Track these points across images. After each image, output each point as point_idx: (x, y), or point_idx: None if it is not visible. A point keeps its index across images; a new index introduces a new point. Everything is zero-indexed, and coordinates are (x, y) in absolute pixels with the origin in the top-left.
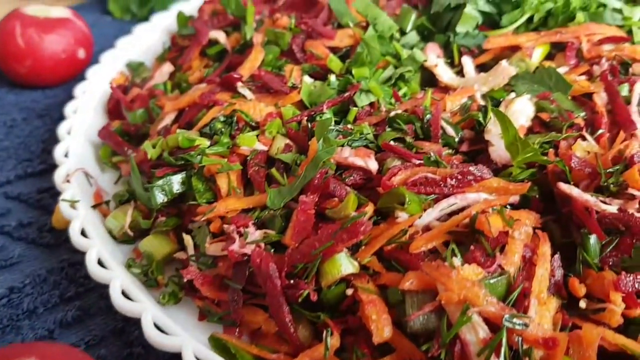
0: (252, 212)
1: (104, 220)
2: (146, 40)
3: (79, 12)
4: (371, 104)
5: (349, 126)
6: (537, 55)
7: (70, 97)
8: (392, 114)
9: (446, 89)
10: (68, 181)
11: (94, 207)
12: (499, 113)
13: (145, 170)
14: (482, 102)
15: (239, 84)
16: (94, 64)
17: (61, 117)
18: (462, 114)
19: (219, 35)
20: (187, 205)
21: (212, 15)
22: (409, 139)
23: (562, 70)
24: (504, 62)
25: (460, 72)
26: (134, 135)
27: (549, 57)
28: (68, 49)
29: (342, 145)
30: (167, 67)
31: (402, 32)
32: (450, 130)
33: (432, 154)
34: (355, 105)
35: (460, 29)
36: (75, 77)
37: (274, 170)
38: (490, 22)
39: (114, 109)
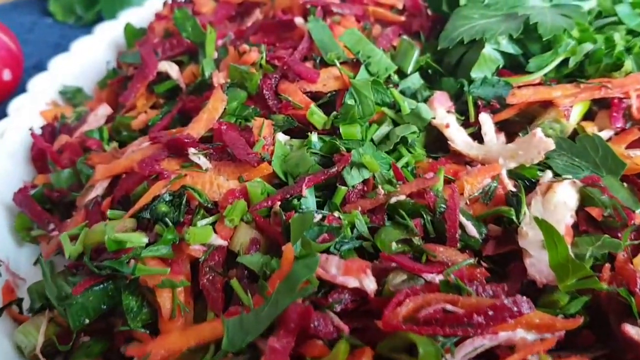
0: (203, 356)
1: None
2: (87, 58)
3: (15, 10)
4: (364, 181)
5: (336, 215)
6: (575, 114)
7: None
8: (394, 200)
9: (459, 156)
10: None
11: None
12: (546, 225)
13: (67, 267)
14: (509, 184)
15: (191, 149)
16: (26, 85)
17: None
18: (483, 200)
19: (171, 69)
20: (117, 329)
21: (164, 37)
22: (417, 240)
23: (605, 134)
24: (539, 131)
25: (477, 134)
26: (58, 202)
27: (588, 114)
28: None
29: (327, 251)
30: (103, 110)
31: (401, 73)
32: (471, 229)
33: (452, 276)
34: (344, 182)
35: (476, 74)
36: (0, 103)
37: (234, 283)
38: (512, 64)
39: (39, 156)
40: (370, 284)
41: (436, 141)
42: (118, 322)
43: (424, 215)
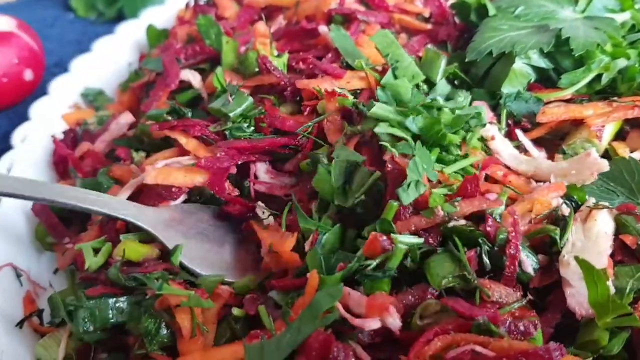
0: None
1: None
2: (109, 59)
3: (37, 3)
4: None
5: (384, 239)
6: (607, 134)
7: (18, 122)
8: (452, 224)
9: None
10: None
11: (20, 324)
12: (586, 265)
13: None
14: (564, 205)
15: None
16: (51, 80)
17: None
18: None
19: (193, 78)
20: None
21: (187, 42)
22: (470, 275)
23: (637, 155)
24: (594, 152)
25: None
26: (76, 214)
27: (620, 133)
28: (10, 70)
29: (353, 279)
30: (125, 117)
31: (429, 82)
32: (527, 265)
33: (480, 319)
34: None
35: (507, 89)
36: (22, 102)
37: (261, 309)
38: (543, 78)
39: (60, 162)
40: (394, 322)
41: None
42: (134, 342)
43: (481, 245)
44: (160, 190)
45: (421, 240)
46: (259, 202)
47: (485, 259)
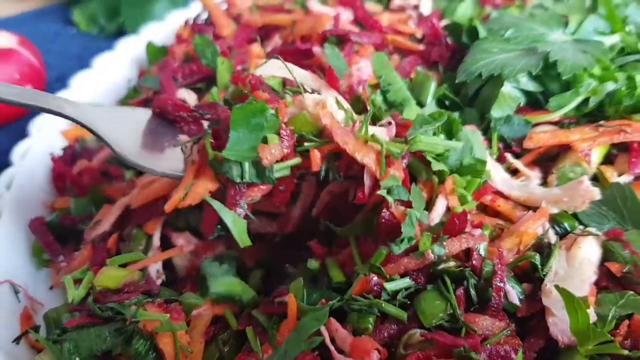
0: None
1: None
2: (108, 75)
3: (39, 18)
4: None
5: (375, 279)
6: (595, 157)
7: (17, 138)
8: (441, 266)
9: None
10: None
11: (17, 340)
12: (567, 294)
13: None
14: (551, 233)
15: None
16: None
17: None
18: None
19: (189, 97)
20: None
21: (185, 61)
22: (459, 316)
23: (624, 179)
24: (586, 179)
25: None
26: (71, 230)
27: (608, 156)
28: None
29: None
30: None
31: (419, 104)
32: (513, 296)
33: (462, 347)
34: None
35: (497, 112)
36: (22, 117)
37: (249, 331)
38: (531, 101)
39: (59, 178)
40: None
41: None
42: None
43: (468, 279)
44: (148, 207)
45: (411, 283)
46: None
47: (473, 292)
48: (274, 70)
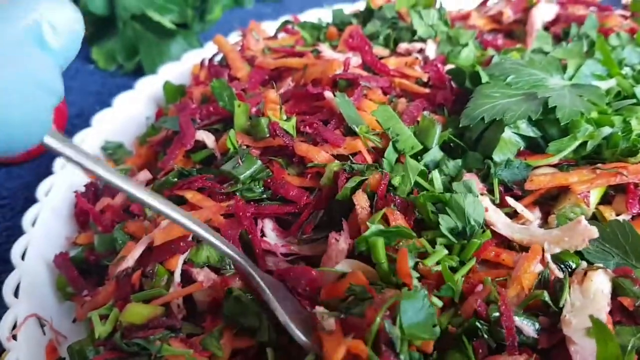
0: None
1: None
2: (128, 112)
3: None
4: None
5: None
6: (594, 198)
7: (40, 176)
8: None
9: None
10: (14, 337)
11: None
12: (599, 324)
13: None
14: (555, 270)
15: None
16: (74, 131)
17: (24, 208)
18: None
19: (207, 139)
20: None
21: (202, 102)
22: None
23: (622, 219)
24: (583, 219)
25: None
26: (95, 266)
27: (605, 197)
28: None
29: None
30: (144, 175)
31: (424, 149)
32: (528, 330)
33: None
34: None
35: (498, 157)
36: (46, 153)
37: None
38: (532, 145)
39: (82, 214)
40: None
41: None
42: None
43: (480, 327)
44: (169, 245)
45: None
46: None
47: (489, 340)
48: None
